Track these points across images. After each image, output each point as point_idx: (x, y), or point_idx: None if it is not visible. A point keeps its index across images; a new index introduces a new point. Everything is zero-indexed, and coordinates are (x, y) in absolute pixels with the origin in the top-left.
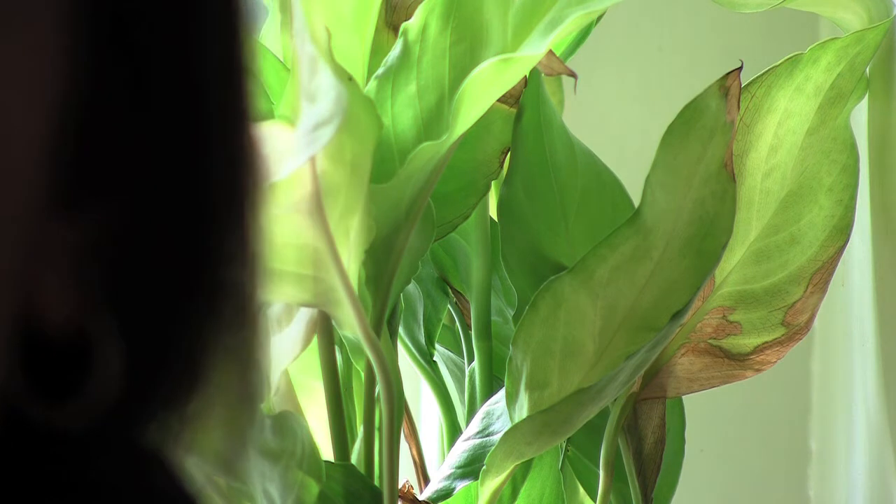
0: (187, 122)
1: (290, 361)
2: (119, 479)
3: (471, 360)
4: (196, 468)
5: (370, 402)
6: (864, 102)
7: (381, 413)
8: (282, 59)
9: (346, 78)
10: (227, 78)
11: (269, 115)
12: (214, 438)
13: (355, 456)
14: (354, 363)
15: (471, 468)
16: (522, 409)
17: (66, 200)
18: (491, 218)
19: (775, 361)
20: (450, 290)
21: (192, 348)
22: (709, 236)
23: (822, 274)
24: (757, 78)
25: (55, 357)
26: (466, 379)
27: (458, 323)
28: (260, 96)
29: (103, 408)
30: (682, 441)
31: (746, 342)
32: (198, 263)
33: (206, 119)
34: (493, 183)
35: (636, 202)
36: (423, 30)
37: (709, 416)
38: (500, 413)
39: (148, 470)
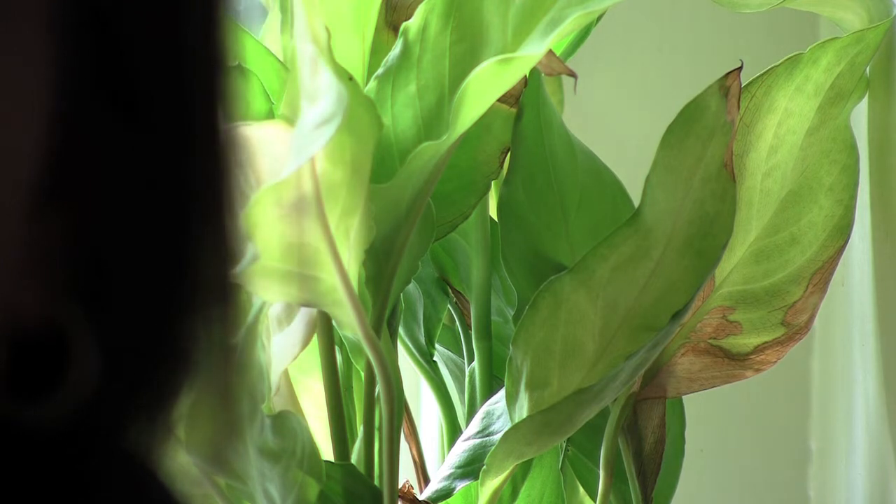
0: (169, 121)
1: (290, 361)
2: (107, 481)
3: (471, 360)
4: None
5: (370, 402)
6: (864, 102)
7: (381, 413)
8: (282, 59)
9: (346, 78)
10: (208, 75)
11: (269, 115)
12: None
13: (355, 456)
14: (354, 363)
15: (471, 468)
16: (522, 409)
17: (45, 199)
18: (491, 218)
19: (775, 361)
20: (450, 290)
21: (177, 344)
22: (709, 236)
23: (822, 274)
24: (757, 78)
25: (30, 356)
26: (466, 379)
27: (458, 323)
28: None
29: (79, 405)
30: (682, 441)
31: (746, 342)
32: (179, 259)
33: (188, 117)
34: (493, 183)
35: (636, 202)
36: (423, 29)
37: (709, 416)
38: (500, 413)
39: (136, 472)
